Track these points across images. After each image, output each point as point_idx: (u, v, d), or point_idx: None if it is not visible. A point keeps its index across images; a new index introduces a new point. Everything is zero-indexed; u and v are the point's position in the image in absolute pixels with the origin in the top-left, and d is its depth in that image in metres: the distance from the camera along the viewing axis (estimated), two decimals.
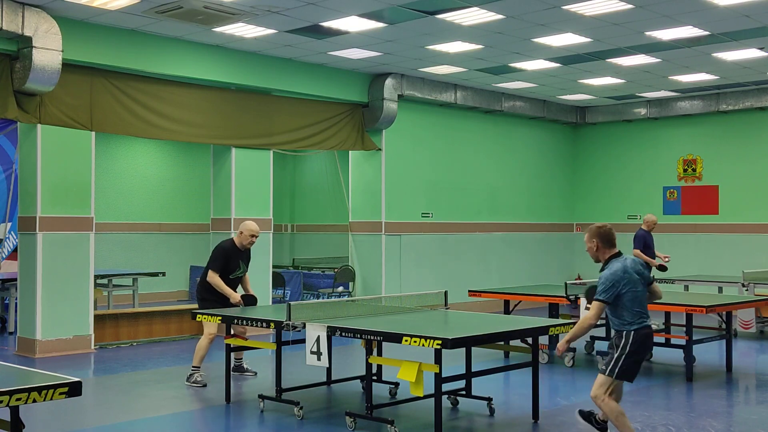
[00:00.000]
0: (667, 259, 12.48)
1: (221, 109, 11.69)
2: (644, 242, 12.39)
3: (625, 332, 5.58)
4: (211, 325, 8.00)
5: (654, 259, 12.62)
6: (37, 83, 9.55)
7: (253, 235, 8.32)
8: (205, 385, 8.08)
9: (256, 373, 8.73)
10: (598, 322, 8.61)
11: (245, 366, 8.79)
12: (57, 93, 9.92)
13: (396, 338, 5.94)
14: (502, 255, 15.78)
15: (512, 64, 12.55)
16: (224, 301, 8.22)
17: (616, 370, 5.55)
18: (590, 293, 6.05)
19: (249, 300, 8.31)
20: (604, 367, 5.61)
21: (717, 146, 15.67)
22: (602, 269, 5.70)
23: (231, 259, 8.33)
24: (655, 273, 12.51)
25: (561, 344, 5.74)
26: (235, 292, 8.29)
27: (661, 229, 16.05)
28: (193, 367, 8.22)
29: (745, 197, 15.27)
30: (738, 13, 9.71)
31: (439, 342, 5.66)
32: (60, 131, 10.09)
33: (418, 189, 14.22)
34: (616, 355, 5.58)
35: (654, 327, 5.85)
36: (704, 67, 12.75)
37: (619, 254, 5.71)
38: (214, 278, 8.21)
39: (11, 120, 10.72)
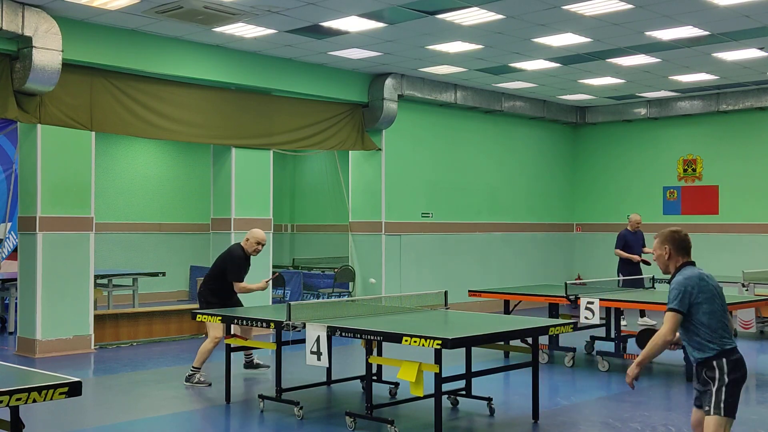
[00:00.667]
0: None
1: (221, 109, 11.69)
2: (624, 242, 12.67)
3: (715, 360, 4.55)
4: (216, 328, 8.01)
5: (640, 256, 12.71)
6: (37, 83, 9.55)
7: (259, 243, 8.39)
8: (209, 384, 8.09)
9: (269, 366, 8.72)
10: (599, 322, 8.67)
11: (256, 361, 8.83)
12: (57, 93, 9.92)
13: (396, 338, 5.94)
14: (502, 255, 15.77)
15: (512, 64, 12.55)
16: (228, 305, 8.30)
17: (722, 405, 4.52)
18: (643, 337, 5.06)
19: (278, 281, 8.47)
20: (707, 408, 4.55)
21: (717, 146, 15.67)
22: (672, 277, 4.81)
23: (244, 267, 8.51)
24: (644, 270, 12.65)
25: (632, 369, 4.69)
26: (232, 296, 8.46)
27: (661, 229, 16.03)
28: (193, 367, 8.22)
29: (745, 197, 15.27)
30: (738, 13, 9.71)
31: (439, 342, 5.66)
32: (60, 131, 10.09)
33: (418, 189, 14.22)
34: (714, 388, 4.53)
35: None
36: (704, 67, 12.75)
37: (692, 263, 4.81)
38: (242, 286, 8.35)
39: (11, 120, 10.72)
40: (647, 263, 12.59)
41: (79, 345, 10.16)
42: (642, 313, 12.98)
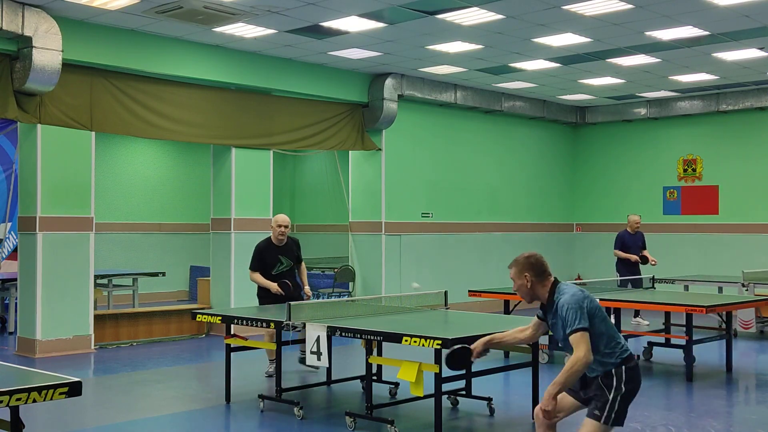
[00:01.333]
0: (653, 263, 12.66)
1: (221, 109, 11.69)
2: (622, 242, 12.76)
3: (613, 369, 4.38)
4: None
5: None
6: (37, 83, 9.55)
7: (279, 226, 8.47)
8: (271, 376, 8.27)
9: (318, 368, 8.51)
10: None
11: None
12: (57, 93, 9.92)
13: (396, 338, 5.94)
14: (502, 255, 15.73)
15: (512, 64, 12.56)
16: (279, 299, 8.27)
17: (612, 415, 4.35)
18: (455, 358, 4.78)
19: (283, 286, 8.37)
20: (597, 412, 4.38)
21: (717, 146, 15.67)
22: (549, 301, 4.57)
23: (267, 256, 8.47)
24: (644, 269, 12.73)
25: (548, 402, 4.40)
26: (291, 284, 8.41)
27: (661, 229, 16.07)
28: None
29: (745, 197, 15.27)
30: (738, 13, 9.71)
31: (439, 342, 5.66)
32: (60, 131, 10.09)
33: (418, 189, 14.22)
34: (610, 398, 4.36)
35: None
36: (704, 67, 12.75)
37: (558, 281, 4.66)
38: (252, 276, 8.44)
39: (11, 120, 10.72)
40: (645, 260, 12.64)
41: (79, 345, 10.16)
42: (636, 313, 12.98)
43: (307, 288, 8.68)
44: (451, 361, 4.75)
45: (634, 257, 12.59)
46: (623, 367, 4.38)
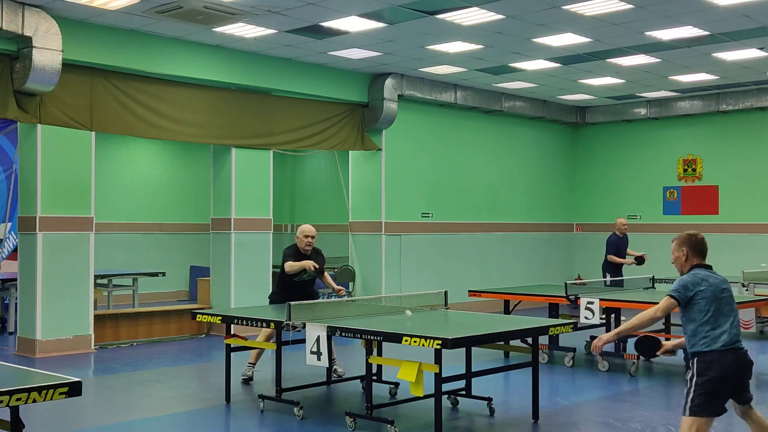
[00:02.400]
0: (645, 257, 12.73)
1: (221, 109, 11.69)
2: (616, 247, 12.80)
3: (690, 357, 4.77)
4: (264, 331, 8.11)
5: (626, 258, 12.82)
6: (37, 83, 9.55)
7: (307, 236, 8.34)
8: (249, 380, 8.28)
9: (343, 374, 8.48)
10: (597, 321, 8.67)
11: (336, 367, 8.49)
12: (57, 93, 9.92)
13: (396, 338, 5.94)
14: (502, 255, 15.77)
15: (512, 64, 12.55)
16: (291, 298, 8.05)
17: (688, 406, 4.68)
18: (644, 343, 5.29)
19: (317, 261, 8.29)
20: (683, 404, 4.77)
21: (717, 146, 15.67)
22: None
23: (296, 257, 8.31)
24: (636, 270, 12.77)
25: (609, 336, 5.05)
26: (308, 294, 8.30)
27: (661, 229, 16.07)
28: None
29: (745, 197, 15.27)
30: (738, 13, 9.71)
31: (439, 342, 5.66)
32: (60, 131, 10.09)
33: (418, 189, 14.22)
34: (686, 389, 4.74)
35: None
36: (704, 67, 12.75)
37: (705, 266, 5.07)
38: (289, 265, 8.18)
39: (11, 120, 10.72)
40: (642, 260, 12.68)
41: (79, 345, 10.16)
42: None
43: (339, 288, 8.49)
44: (641, 346, 5.33)
45: (629, 261, 12.65)
46: (696, 359, 4.73)
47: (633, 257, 12.70)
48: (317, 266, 8.27)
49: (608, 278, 12.07)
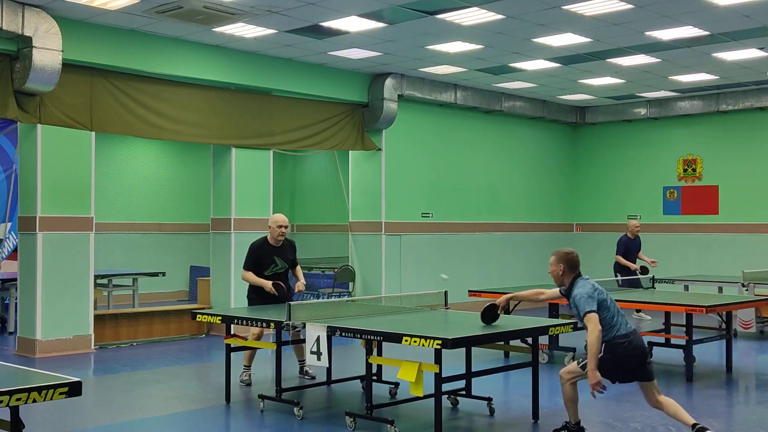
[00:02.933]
0: (653, 264, 12.83)
1: (221, 109, 11.69)
2: (625, 248, 12.97)
3: (603, 344, 5.73)
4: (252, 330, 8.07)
5: (635, 262, 12.90)
6: (37, 83, 9.55)
7: (280, 226, 8.16)
8: (248, 384, 8.16)
9: (315, 377, 8.44)
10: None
11: (307, 369, 8.51)
12: (57, 93, 9.92)
13: (396, 338, 5.94)
14: (502, 255, 15.77)
15: (512, 64, 12.56)
16: (267, 296, 8.12)
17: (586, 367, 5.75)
18: (487, 313, 6.46)
19: (276, 287, 8.08)
20: (581, 360, 5.86)
21: (717, 146, 15.67)
22: (567, 292, 5.94)
23: (262, 256, 8.19)
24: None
25: (593, 376, 5.62)
26: (285, 286, 8.19)
27: (661, 229, 16.08)
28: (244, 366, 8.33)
29: (745, 197, 15.27)
30: (738, 13, 9.71)
31: (439, 342, 5.66)
32: (60, 131, 10.09)
33: (418, 189, 14.22)
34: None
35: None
36: (704, 67, 12.75)
37: (581, 276, 5.97)
38: (245, 275, 8.19)
39: (11, 120, 10.72)
40: (646, 270, 12.78)
41: (79, 345, 10.16)
42: (638, 309, 13.14)
43: (300, 282, 8.25)
44: (483, 318, 6.46)
45: (634, 266, 12.73)
46: (603, 344, 5.72)
47: (639, 266, 12.76)
48: (275, 293, 8.06)
49: (619, 278, 12.16)
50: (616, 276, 12.67)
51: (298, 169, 18.52)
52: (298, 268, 8.53)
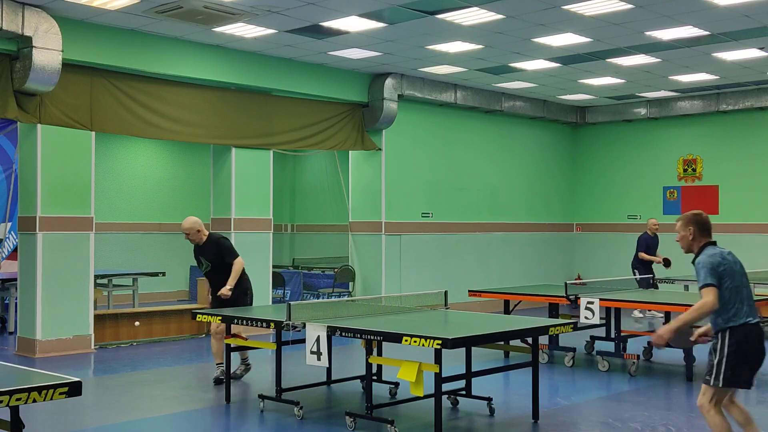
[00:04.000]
0: (669, 261, 13.17)
1: (221, 109, 11.69)
2: (646, 245, 13.38)
3: (721, 332, 4.98)
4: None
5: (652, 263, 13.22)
6: (37, 83, 9.55)
7: (185, 233, 8.42)
8: (218, 381, 8.13)
9: (244, 371, 8.60)
10: (597, 321, 8.68)
11: (237, 371, 8.54)
12: (57, 93, 9.92)
13: (396, 338, 5.93)
14: (502, 255, 15.77)
15: (512, 64, 12.55)
16: (213, 294, 8.40)
17: (720, 377, 4.91)
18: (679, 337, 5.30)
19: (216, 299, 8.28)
20: (707, 377, 4.99)
21: (717, 146, 15.67)
22: (695, 257, 5.24)
23: (196, 257, 8.57)
24: (661, 271, 13.08)
25: (667, 331, 5.04)
26: (220, 285, 8.27)
27: (661, 229, 16.05)
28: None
29: (745, 197, 15.27)
30: (738, 13, 9.71)
31: (439, 342, 5.66)
32: (60, 131, 10.09)
33: (418, 189, 14.22)
34: (715, 361, 4.96)
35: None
36: (704, 67, 12.75)
37: (713, 243, 5.28)
38: (239, 262, 8.49)
39: (11, 120, 10.72)
40: (668, 262, 13.14)
41: (79, 345, 10.16)
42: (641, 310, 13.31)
43: (224, 289, 8.16)
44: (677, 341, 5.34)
45: (658, 259, 13.18)
46: (728, 331, 4.93)
47: (662, 258, 13.11)
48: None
49: (637, 275, 12.39)
50: (634, 273, 13.07)
51: (298, 169, 18.52)
52: (234, 266, 8.42)
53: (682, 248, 5.41)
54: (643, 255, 13.23)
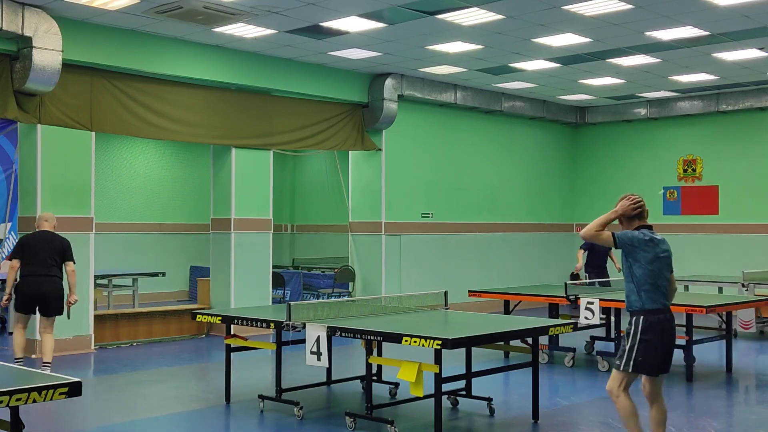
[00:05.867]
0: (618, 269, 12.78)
1: (221, 109, 11.69)
2: (591, 245, 12.61)
3: (635, 317, 5.19)
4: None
5: (604, 266, 12.81)
6: (37, 83, 9.55)
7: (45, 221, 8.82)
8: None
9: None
10: (598, 322, 8.68)
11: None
12: (57, 93, 9.92)
13: (396, 338, 5.94)
14: (502, 255, 15.77)
15: (512, 64, 12.55)
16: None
17: (631, 363, 5.18)
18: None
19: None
20: (618, 362, 5.23)
21: (717, 146, 15.67)
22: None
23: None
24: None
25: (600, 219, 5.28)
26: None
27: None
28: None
29: (745, 197, 15.27)
30: (738, 13, 9.71)
31: (439, 342, 5.66)
32: (60, 131, 10.09)
33: (418, 189, 14.22)
34: (627, 346, 5.20)
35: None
36: (704, 67, 12.75)
37: (648, 227, 5.38)
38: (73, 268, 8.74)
39: (11, 120, 10.71)
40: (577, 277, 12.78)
41: (79, 345, 10.16)
42: None
43: (72, 297, 8.75)
44: None
45: (578, 266, 12.42)
46: (642, 317, 5.14)
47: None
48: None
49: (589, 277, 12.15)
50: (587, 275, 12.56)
51: (298, 169, 18.52)
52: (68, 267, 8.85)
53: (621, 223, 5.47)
54: (578, 254, 12.39)
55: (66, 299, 8.63)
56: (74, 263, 8.67)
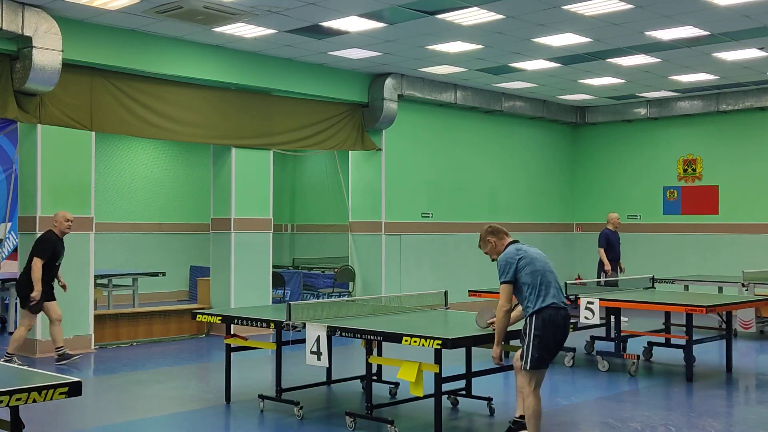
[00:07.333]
0: (622, 270, 12.71)
1: (221, 109, 11.69)
2: (608, 241, 12.76)
3: (528, 316, 5.50)
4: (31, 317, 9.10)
5: (619, 259, 12.78)
6: (37, 83, 9.55)
7: (68, 220, 9.13)
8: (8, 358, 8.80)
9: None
10: (599, 322, 8.68)
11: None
12: (57, 93, 9.92)
13: (396, 338, 5.94)
14: None
15: (512, 64, 12.56)
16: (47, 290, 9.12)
17: (528, 361, 5.47)
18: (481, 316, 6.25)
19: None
20: (520, 361, 5.56)
21: (717, 146, 15.67)
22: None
23: (58, 249, 9.18)
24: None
25: (495, 350, 5.63)
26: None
27: (661, 229, 16.08)
28: (8, 353, 8.97)
29: (745, 197, 15.27)
30: (738, 13, 9.72)
31: (439, 342, 5.66)
32: (60, 131, 10.09)
33: (418, 189, 14.22)
34: (524, 345, 5.50)
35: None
36: (704, 67, 12.75)
37: (515, 241, 5.79)
38: (36, 267, 8.99)
39: (11, 120, 10.73)
40: (614, 275, 12.60)
41: (79, 345, 10.16)
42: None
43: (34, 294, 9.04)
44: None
45: (607, 267, 12.54)
46: (535, 316, 5.43)
47: (613, 267, 12.61)
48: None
49: (602, 277, 12.07)
50: (600, 275, 12.52)
51: (298, 169, 18.52)
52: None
53: (493, 258, 5.85)
54: (601, 252, 12.61)
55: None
56: (39, 258, 8.99)
